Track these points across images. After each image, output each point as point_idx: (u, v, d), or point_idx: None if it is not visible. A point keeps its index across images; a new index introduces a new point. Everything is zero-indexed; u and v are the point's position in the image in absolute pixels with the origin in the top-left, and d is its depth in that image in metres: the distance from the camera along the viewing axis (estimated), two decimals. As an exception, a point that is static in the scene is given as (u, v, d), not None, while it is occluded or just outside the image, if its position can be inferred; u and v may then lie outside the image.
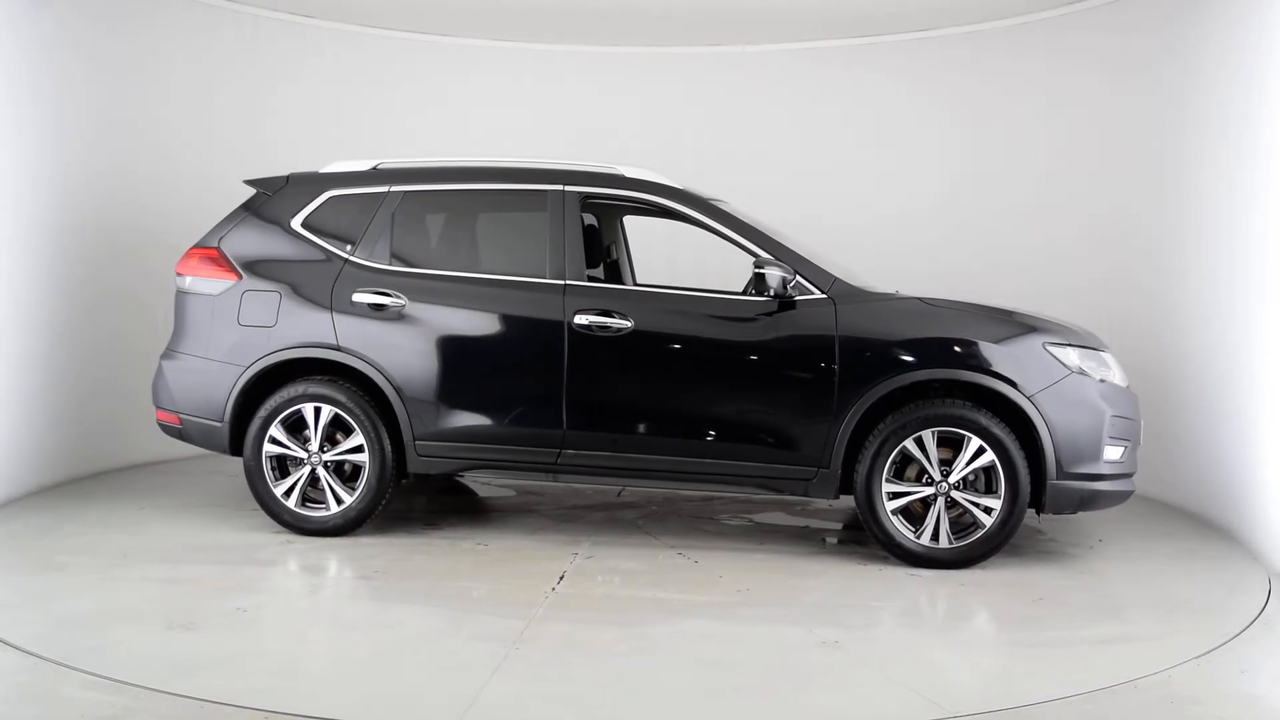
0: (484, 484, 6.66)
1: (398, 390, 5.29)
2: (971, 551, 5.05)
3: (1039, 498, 5.06)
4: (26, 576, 4.67)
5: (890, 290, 5.35)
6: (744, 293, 5.31)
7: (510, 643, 3.95)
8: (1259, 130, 5.50)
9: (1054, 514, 5.16)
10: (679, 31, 7.87)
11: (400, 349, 5.30)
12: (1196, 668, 3.86)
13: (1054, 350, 5.05)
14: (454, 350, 5.30)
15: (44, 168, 6.07)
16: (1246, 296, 5.64)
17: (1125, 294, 6.93)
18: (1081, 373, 5.06)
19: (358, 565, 4.95)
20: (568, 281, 5.27)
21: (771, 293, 5.10)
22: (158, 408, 5.58)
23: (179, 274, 5.55)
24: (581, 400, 5.21)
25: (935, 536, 5.05)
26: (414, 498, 6.36)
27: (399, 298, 5.32)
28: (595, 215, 6.18)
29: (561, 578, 4.79)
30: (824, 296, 5.14)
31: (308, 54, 7.69)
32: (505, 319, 5.29)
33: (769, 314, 5.13)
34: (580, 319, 5.19)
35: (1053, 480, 5.01)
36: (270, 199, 5.59)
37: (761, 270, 5.09)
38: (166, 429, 5.59)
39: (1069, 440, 5.00)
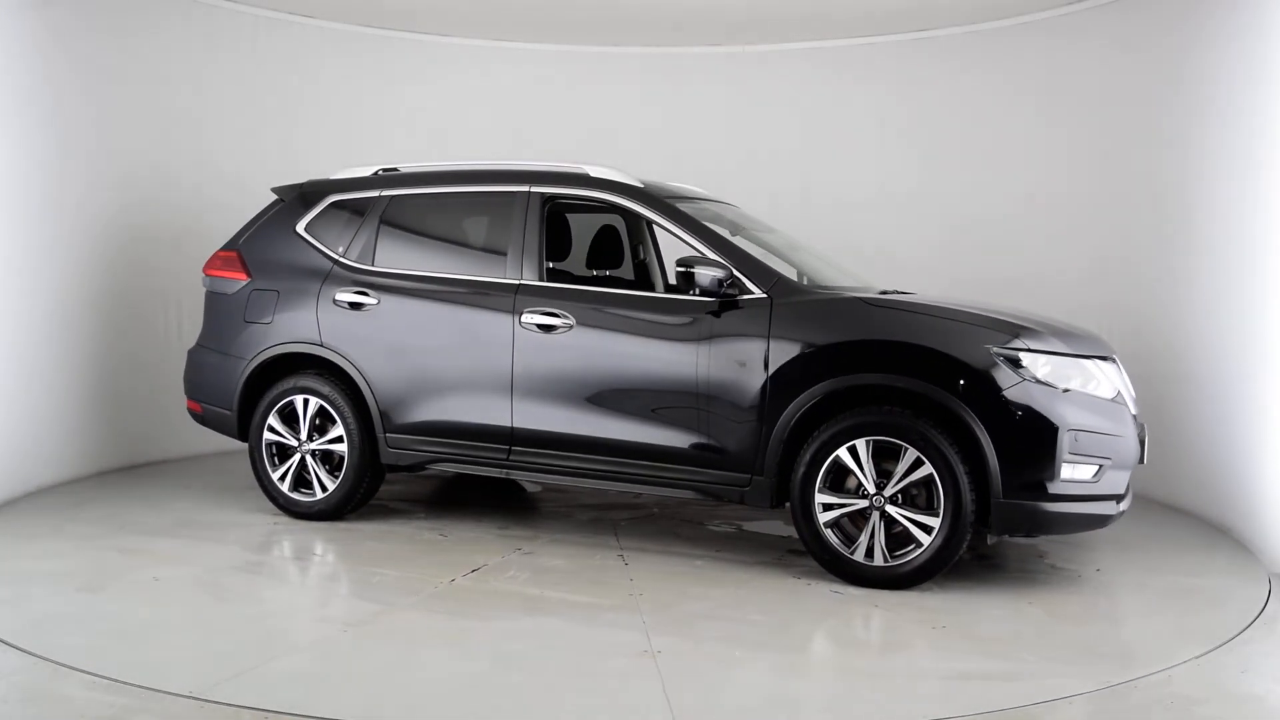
0: (529, 479, 6.78)
1: (370, 385, 5.58)
2: (908, 571, 4.69)
3: (987, 517, 4.64)
4: (24, 540, 5.27)
5: (876, 290, 5.17)
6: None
7: (346, 626, 4.13)
8: (1263, 131, 5.36)
9: (1006, 536, 4.72)
10: (679, 31, 7.80)
11: (373, 345, 5.58)
12: (1196, 668, 3.82)
13: (1003, 355, 4.61)
14: (418, 347, 5.51)
15: (40, 170, 6.20)
16: (1249, 297, 5.53)
17: (1127, 294, 6.80)
18: (1038, 381, 4.59)
19: (305, 547, 5.27)
20: (521, 281, 5.36)
21: (698, 291, 4.98)
22: (186, 396, 6.15)
23: (205, 274, 6.10)
24: (527, 399, 5.29)
25: (870, 554, 4.74)
26: (468, 491, 6.60)
27: (373, 297, 5.60)
28: (622, 217, 6.22)
29: (474, 570, 4.89)
30: (763, 296, 4.95)
31: (309, 55, 7.80)
32: (464, 318, 5.44)
33: (712, 314, 4.99)
34: (527, 318, 5.27)
35: (999, 498, 4.58)
36: (286, 204, 6.03)
37: (690, 270, 4.96)
38: (193, 415, 6.15)
39: (1016, 454, 4.56)
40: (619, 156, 6.20)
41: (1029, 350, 4.65)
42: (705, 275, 4.93)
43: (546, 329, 5.23)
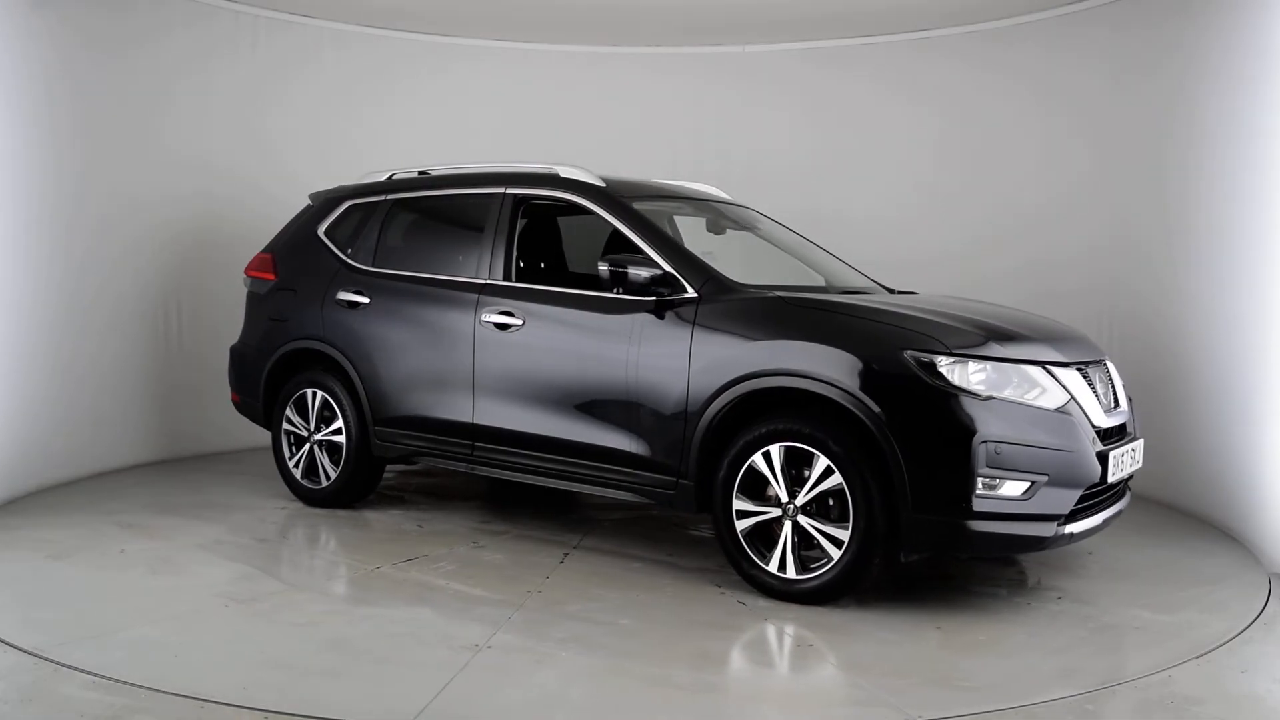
0: (490, 475, 6.64)
1: (361, 380, 5.84)
2: (817, 585, 4.43)
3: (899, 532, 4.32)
4: (58, 511, 5.84)
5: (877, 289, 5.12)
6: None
7: (232, 602, 4.38)
8: (1261, 130, 5.33)
9: (920, 554, 4.37)
10: (679, 31, 7.64)
11: (364, 342, 5.84)
12: (1196, 668, 3.83)
13: (918, 359, 4.27)
14: (400, 345, 5.72)
15: (40, 168, 6.25)
16: (1248, 297, 5.45)
17: (1126, 294, 6.74)
18: (954, 387, 4.22)
19: (280, 530, 5.59)
20: (486, 281, 5.47)
21: (620, 290, 4.92)
22: (230, 388, 6.65)
23: (245, 274, 6.57)
24: (486, 395, 5.38)
25: (784, 565, 4.52)
26: (518, 489, 6.72)
27: (366, 296, 5.87)
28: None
29: (408, 560, 5.05)
30: (694, 294, 4.82)
31: (310, 56, 7.83)
32: (437, 316, 5.58)
33: (652, 313, 4.90)
34: (485, 316, 5.37)
35: (909, 513, 4.25)
36: (315, 208, 6.41)
37: (621, 270, 4.87)
38: (235, 406, 6.63)
39: (926, 466, 4.21)
40: (620, 157, 6.21)
41: (949, 354, 4.29)
42: (635, 274, 4.86)
43: (502, 327, 5.31)
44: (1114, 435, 4.67)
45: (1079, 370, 4.58)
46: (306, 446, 6.09)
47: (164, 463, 7.21)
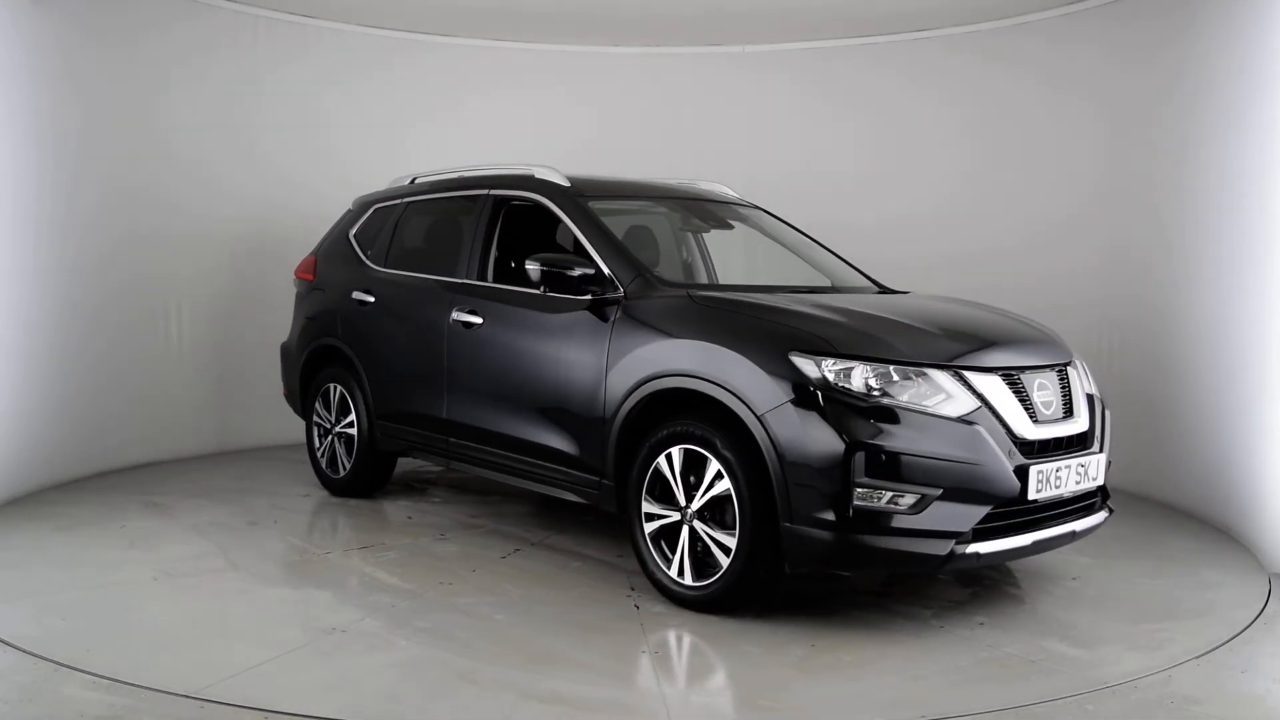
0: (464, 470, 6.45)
1: (367, 375, 6.10)
2: (710, 594, 4.29)
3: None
4: (102, 490, 6.37)
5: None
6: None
7: (165, 576, 4.70)
8: (1263, 131, 5.35)
9: (804, 567, 4.13)
10: (679, 31, 7.41)
11: (368, 339, 6.10)
12: (1196, 668, 3.84)
13: (800, 360, 4.06)
14: (394, 341, 5.94)
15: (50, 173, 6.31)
16: (1248, 296, 5.47)
17: (1126, 294, 6.70)
18: (835, 389, 3.98)
19: (276, 515, 5.89)
20: (461, 281, 5.60)
21: (546, 289, 4.92)
22: (282, 382, 7.09)
23: (294, 276, 6.99)
24: (455, 392, 5.52)
25: (683, 571, 4.40)
26: None
27: (372, 295, 6.13)
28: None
29: (365, 547, 5.25)
30: (620, 293, 4.77)
31: (311, 57, 7.80)
32: (422, 315, 5.76)
33: (592, 311, 4.88)
34: (455, 315, 5.50)
35: (786, 523, 4.04)
36: (351, 212, 6.75)
37: (548, 270, 4.86)
38: (285, 398, 7.06)
39: (801, 474, 4.00)
40: (617, 157, 6.19)
41: (835, 356, 4.05)
42: (563, 274, 4.84)
43: (467, 325, 5.42)
44: (1055, 447, 4.26)
45: (1005, 376, 4.21)
46: (328, 439, 6.42)
47: (249, 451, 7.72)
